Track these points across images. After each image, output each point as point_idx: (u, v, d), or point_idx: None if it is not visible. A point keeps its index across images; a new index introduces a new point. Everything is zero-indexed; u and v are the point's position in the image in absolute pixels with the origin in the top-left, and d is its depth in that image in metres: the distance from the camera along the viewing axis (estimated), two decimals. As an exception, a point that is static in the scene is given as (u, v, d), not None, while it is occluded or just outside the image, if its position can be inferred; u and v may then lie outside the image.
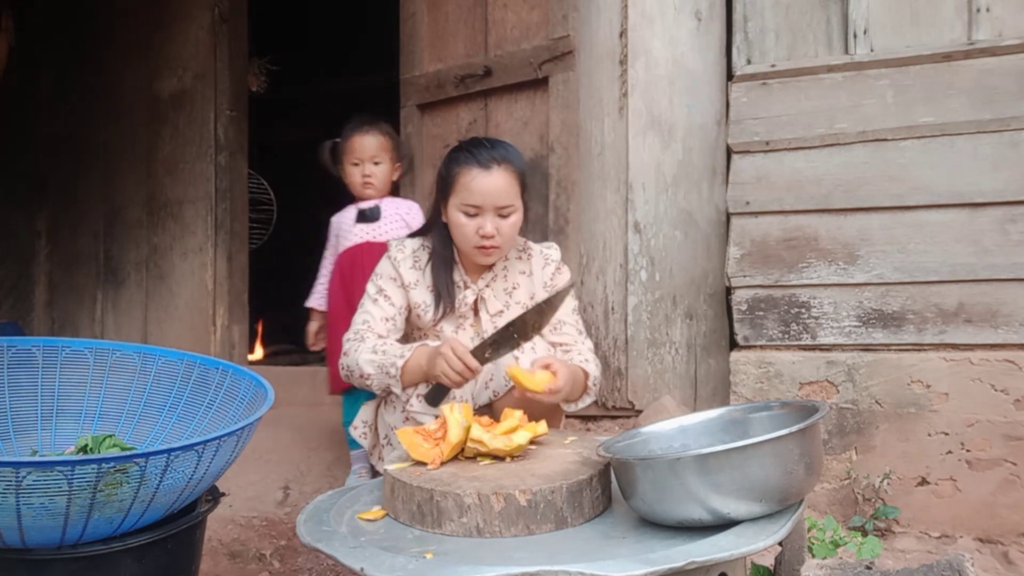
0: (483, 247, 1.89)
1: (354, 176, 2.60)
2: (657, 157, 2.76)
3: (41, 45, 4.16)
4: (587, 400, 1.93)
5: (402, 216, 2.64)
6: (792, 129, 2.33)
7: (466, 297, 1.96)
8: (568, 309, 2.01)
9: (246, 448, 1.50)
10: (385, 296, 1.96)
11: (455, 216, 1.89)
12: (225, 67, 3.87)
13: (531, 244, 2.06)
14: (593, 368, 1.92)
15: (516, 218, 1.91)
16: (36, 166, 4.21)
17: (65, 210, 4.16)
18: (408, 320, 2.02)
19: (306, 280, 2.81)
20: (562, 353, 1.94)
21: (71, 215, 4.15)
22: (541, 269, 2.01)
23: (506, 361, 1.82)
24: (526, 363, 1.82)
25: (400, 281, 1.97)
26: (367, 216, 2.59)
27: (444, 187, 1.92)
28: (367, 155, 2.59)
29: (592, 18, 2.83)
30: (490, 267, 1.99)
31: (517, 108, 2.88)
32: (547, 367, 1.72)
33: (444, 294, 1.94)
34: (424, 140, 3.13)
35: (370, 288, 1.99)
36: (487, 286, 1.99)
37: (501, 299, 1.99)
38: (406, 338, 2.03)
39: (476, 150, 1.89)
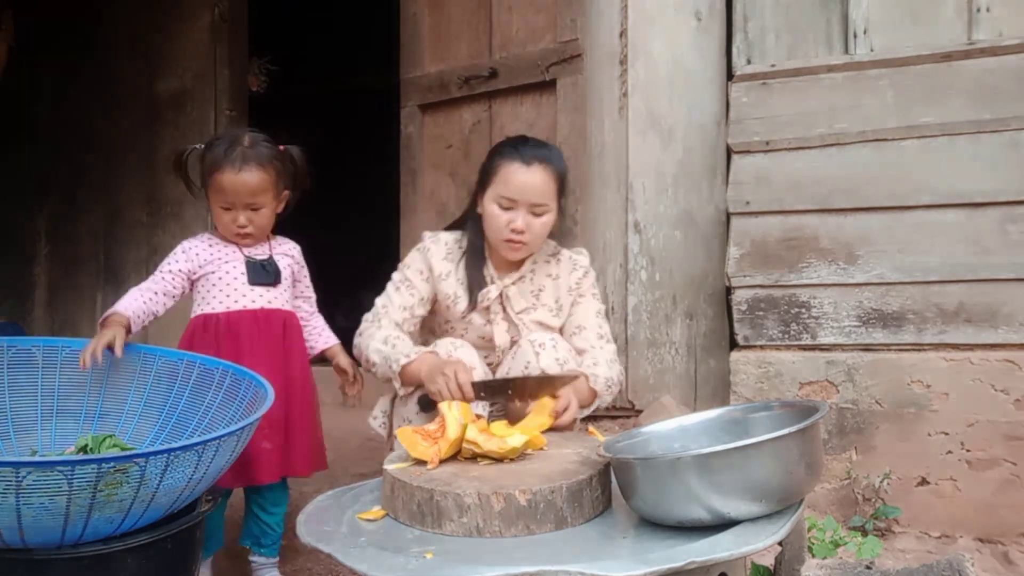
0: (511, 240, 1.91)
1: (223, 220, 1.92)
2: (657, 157, 2.76)
3: (41, 45, 4.16)
4: (599, 403, 1.94)
5: (292, 267, 2.03)
6: (792, 129, 2.33)
7: (489, 292, 1.98)
8: (591, 312, 2.03)
9: (246, 448, 1.49)
10: (409, 285, 2.00)
11: (490, 207, 1.92)
12: (225, 67, 3.88)
13: (562, 249, 2.08)
14: (603, 370, 1.92)
15: (548, 218, 1.93)
16: (36, 166, 4.21)
17: (65, 210, 4.17)
18: (436, 311, 2.05)
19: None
20: (575, 355, 1.95)
21: (71, 215, 4.15)
22: (569, 274, 2.03)
23: (525, 356, 1.87)
24: (548, 360, 1.86)
25: (429, 273, 2.00)
26: (263, 277, 1.94)
27: (484, 178, 1.95)
28: (241, 201, 1.89)
29: (592, 18, 2.83)
30: (519, 266, 2.01)
31: (523, 110, 2.88)
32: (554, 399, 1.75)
33: (474, 288, 1.97)
34: (425, 140, 3.13)
35: (395, 276, 2.04)
36: (513, 284, 2.00)
37: (527, 299, 2.01)
38: (432, 331, 2.07)
39: (521, 146, 1.93)
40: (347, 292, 3.97)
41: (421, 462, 1.46)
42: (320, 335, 2.05)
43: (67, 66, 4.16)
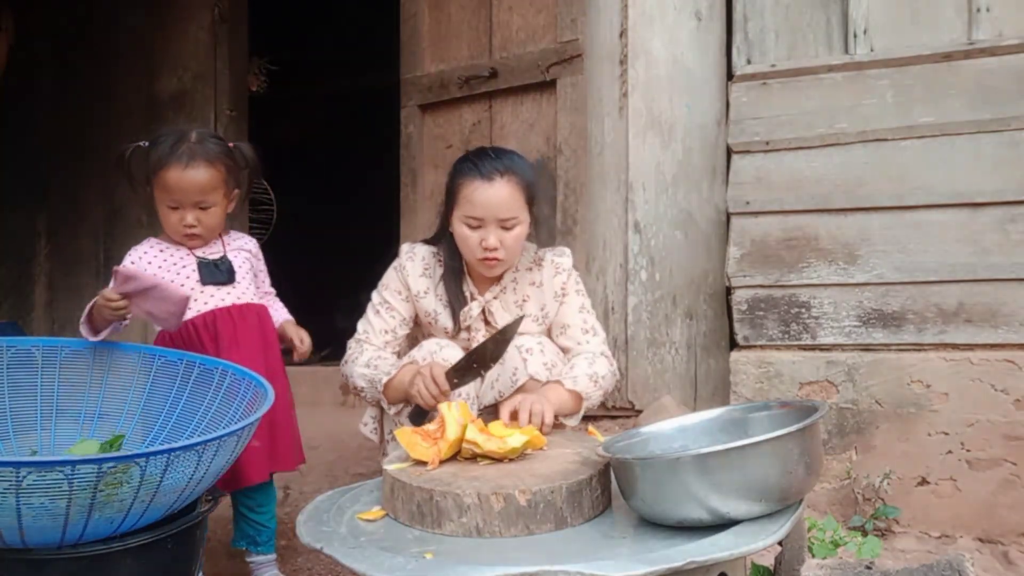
0: (486, 259, 1.86)
1: (170, 221, 1.84)
2: (657, 157, 2.76)
3: (41, 45, 4.16)
4: (591, 402, 1.89)
5: (251, 262, 1.99)
6: (792, 129, 2.33)
7: (471, 310, 1.95)
8: (574, 308, 1.99)
9: (246, 448, 1.49)
10: (388, 307, 1.97)
11: (459, 228, 1.87)
12: (225, 67, 3.88)
13: (543, 253, 2.02)
14: (581, 369, 1.86)
15: (521, 230, 1.87)
16: (36, 166, 4.21)
17: (65, 210, 4.17)
18: (419, 326, 2.02)
19: (306, 281, 2.78)
20: (562, 357, 1.94)
21: (71, 215, 4.15)
22: (552, 279, 1.99)
23: (512, 361, 1.83)
24: (535, 365, 1.82)
25: (407, 293, 1.97)
26: (216, 276, 1.88)
27: (449, 198, 1.91)
28: (189, 200, 1.80)
29: (592, 18, 2.83)
30: (498, 279, 1.97)
31: (523, 110, 2.89)
32: (513, 416, 1.67)
33: (455, 307, 1.94)
34: (426, 140, 3.13)
35: (374, 297, 2.00)
36: (495, 298, 1.97)
37: (511, 311, 1.97)
38: (418, 340, 2.03)
39: (479, 160, 1.85)
40: (347, 293, 3.96)
41: (421, 462, 1.46)
42: (276, 314, 2.01)
43: (67, 66, 4.16)
